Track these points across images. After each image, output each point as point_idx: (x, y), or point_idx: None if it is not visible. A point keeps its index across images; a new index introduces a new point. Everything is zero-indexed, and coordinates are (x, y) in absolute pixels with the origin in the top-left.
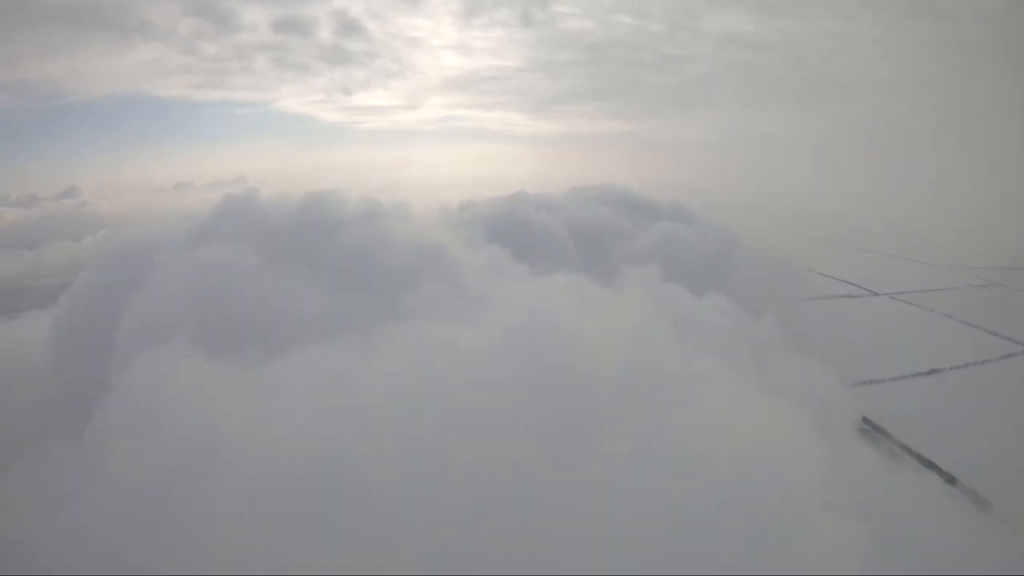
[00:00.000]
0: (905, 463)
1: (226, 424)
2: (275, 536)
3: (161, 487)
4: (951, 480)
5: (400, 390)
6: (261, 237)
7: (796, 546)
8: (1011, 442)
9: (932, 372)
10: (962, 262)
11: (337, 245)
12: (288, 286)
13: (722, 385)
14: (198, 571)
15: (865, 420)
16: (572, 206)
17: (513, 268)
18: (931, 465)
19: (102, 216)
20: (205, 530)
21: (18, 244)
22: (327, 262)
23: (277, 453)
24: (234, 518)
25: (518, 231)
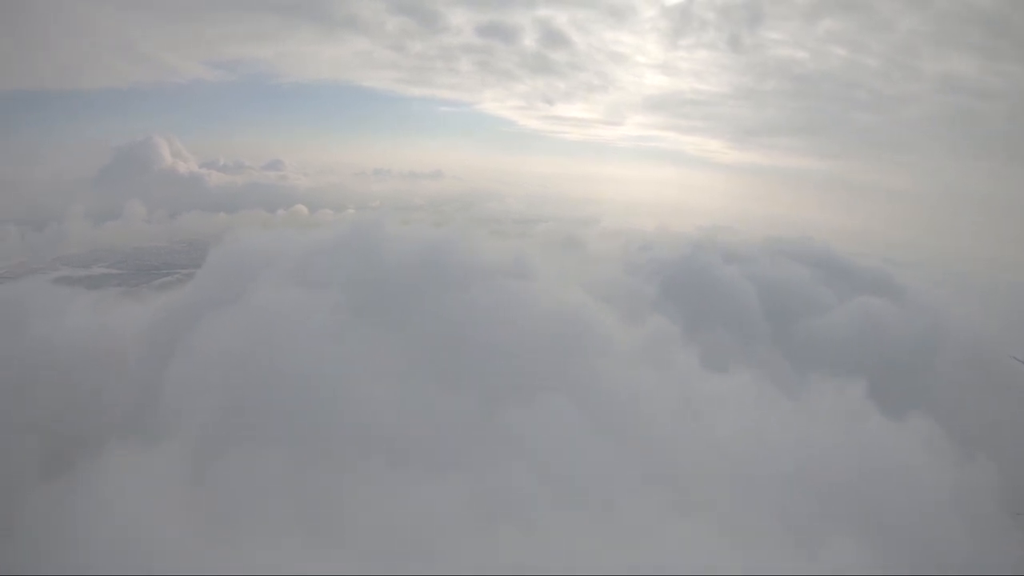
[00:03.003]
0: None
1: None
2: None
3: None
4: None
5: None
6: (366, 280)
7: None
8: None
9: None
10: None
11: (457, 305)
12: (359, 364)
13: None
14: None
15: None
16: (764, 261)
17: (680, 356)
18: None
19: (300, 190)
20: None
21: (217, 206)
22: (431, 330)
23: None
24: None
25: (699, 289)
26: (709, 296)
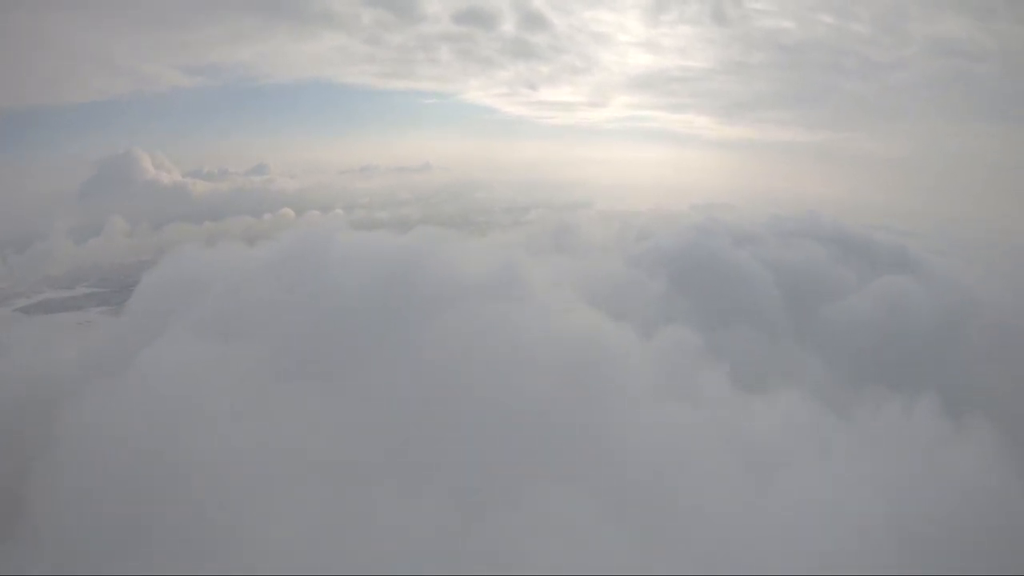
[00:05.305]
0: None
1: None
2: None
3: None
4: None
5: None
6: (305, 320)
7: None
8: None
9: None
10: None
11: (424, 351)
12: (288, 458)
13: None
14: None
15: None
16: (774, 242)
17: (709, 379)
18: None
19: (287, 193)
20: None
21: (203, 216)
22: (386, 393)
23: None
24: None
25: (711, 281)
26: (724, 289)
